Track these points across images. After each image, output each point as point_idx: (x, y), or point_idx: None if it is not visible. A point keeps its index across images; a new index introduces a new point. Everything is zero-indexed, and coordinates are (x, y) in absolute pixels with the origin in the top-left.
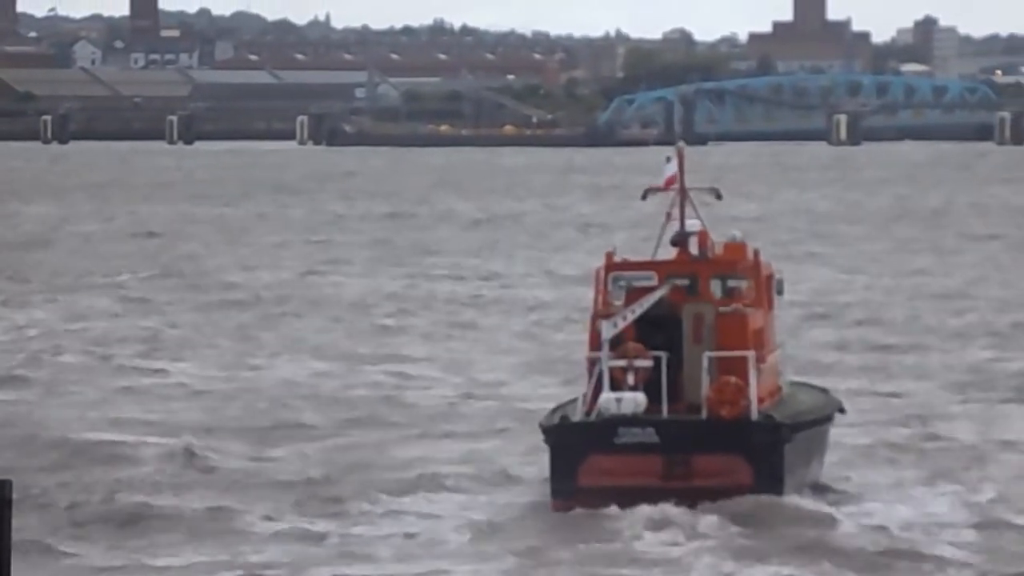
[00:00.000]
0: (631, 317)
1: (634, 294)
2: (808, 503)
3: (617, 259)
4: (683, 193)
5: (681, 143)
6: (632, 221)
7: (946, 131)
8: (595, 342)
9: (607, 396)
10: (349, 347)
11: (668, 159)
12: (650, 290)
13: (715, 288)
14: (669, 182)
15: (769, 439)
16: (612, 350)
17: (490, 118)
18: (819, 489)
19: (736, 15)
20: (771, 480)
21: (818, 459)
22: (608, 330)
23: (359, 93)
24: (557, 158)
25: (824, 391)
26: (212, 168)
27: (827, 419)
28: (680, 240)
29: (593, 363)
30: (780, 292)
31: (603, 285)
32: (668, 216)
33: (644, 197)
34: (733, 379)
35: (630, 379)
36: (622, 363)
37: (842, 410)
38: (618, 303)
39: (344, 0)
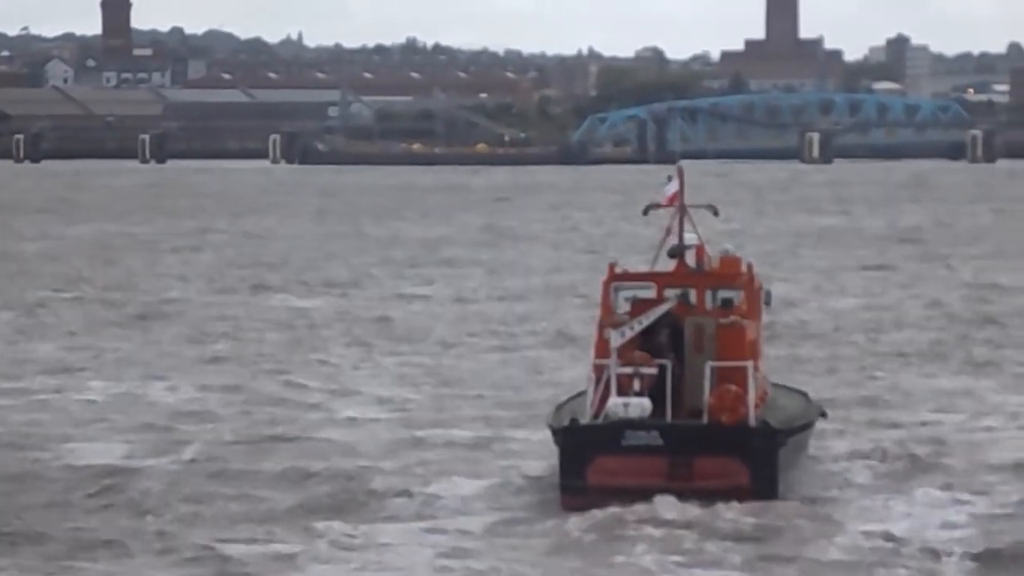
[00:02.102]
0: (638, 328)
1: (640, 306)
2: (803, 503)
3: (619, 270)
4: (682, 209)
5: (680, 163)
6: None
7: (918, 149)
8: (602, 349)
9: (615, 401)
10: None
11: (669, 178)
12: (655, 303)
13: (710, 299)
14: (671, 199)
15: (766, 444)
16: (619, 357)
17: (463, 137)
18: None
19: (708, 33)
20: (766, 482)
21: (803, 459)
22: (616, 339)
23: (332, 112)
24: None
25: (803, 394)
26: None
27: (812, 424)
28: (678, 252)
29: (600, 369)
30: (768, 303)
31: (607, 295)
32: (668, 230)
33: (645, 213)
34: (733, 387)
35: (636, 385)
36: (629, 370)
37: (824, 414)
38: (621, 312)
39: (317, 19)
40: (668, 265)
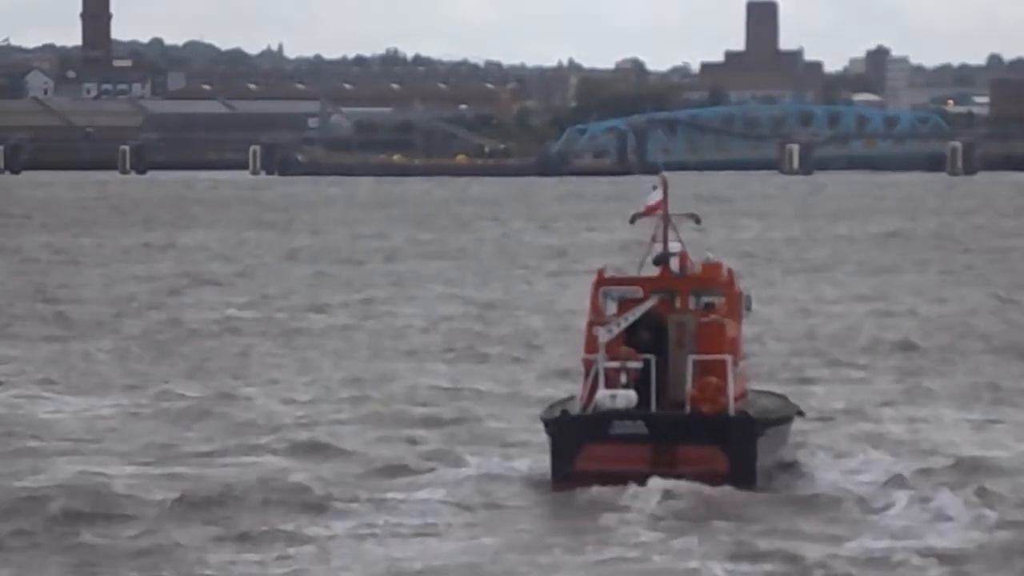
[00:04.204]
0: (624, 324)
1: (626, 305)
2: (780, 491)
3: (607, 275)
4: (666, 218)
5: (664, 173)
6: None
7: (898, 161)
8: (591, 346)
9: (603, 393)
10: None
11: (654, 187)
12: (639, 301)
13: (692, 302)
14: (652, 208)
15: (744, 433)
16: (606, 352)
17: (442, 148)
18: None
19: (688, 45)
20: (745, 469)
21: (782, 450)
22: (604, 335)
23: (311, 123)
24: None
25: (783, 397)
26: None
27: (790, 419)
28: (662, 259)
29: (589, 364)
30: (748, 308)
31: (596, 298)
32: (653, 238)
33: (632, 221)
34: (714, 379)
35: (623, 378)
36: (616, 364)
37: (801, 413)
38: (609, 313)
39: (296, 30)
40: (654, 271)
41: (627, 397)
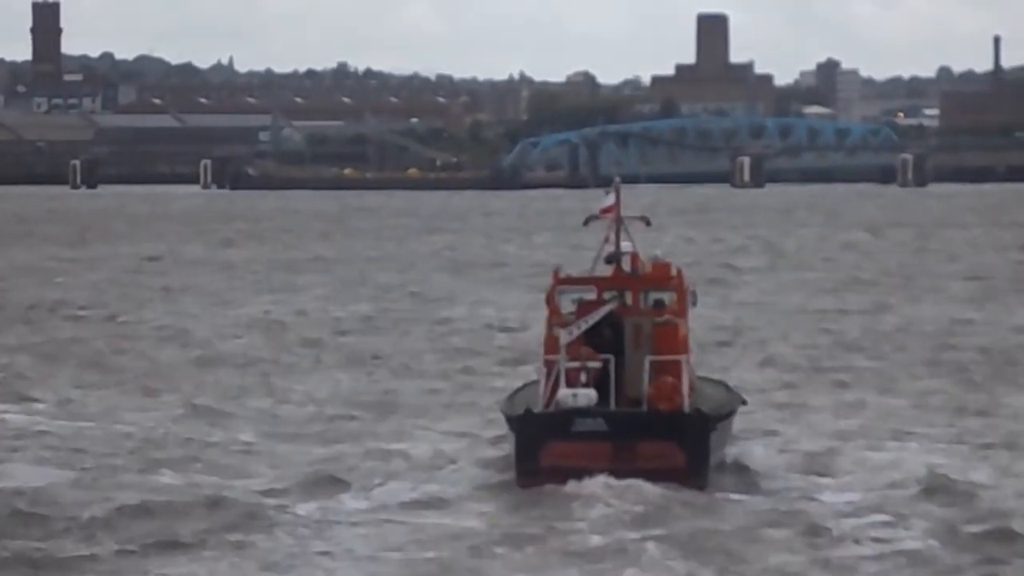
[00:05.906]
0: (584, 327)
1: (584, 306)
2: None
3: (562, 275)
4: (618, 220)
5: (618, 179)
6: None
7: (849, 173)
8: (551, 346)
9: (564, 392)
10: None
11: (607, 192)
12: (598, 303)
13: (643, 300)
14: (605, 211)
15: (698, 429)
16: (567, 353)
17: (394, 161)
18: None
19: (639, 58)
20: (699, 462)
21: (728, 441)
22: (565, 337)
23: (263, 136)
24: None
25: (725, 384)
26: None
27: (735, 411)
28: (614, 258)
29: (550, 364)
30: (694, 303)
31: (553, 298)
32: (606, 239)
33: (586, 224)
34: (669, 379)
35: (583, 378)
36: (576, 364)
37: (744, 402)
38: (567, 312)
39: (247, 44)
40: (606, 270)
41: (588, 396)
